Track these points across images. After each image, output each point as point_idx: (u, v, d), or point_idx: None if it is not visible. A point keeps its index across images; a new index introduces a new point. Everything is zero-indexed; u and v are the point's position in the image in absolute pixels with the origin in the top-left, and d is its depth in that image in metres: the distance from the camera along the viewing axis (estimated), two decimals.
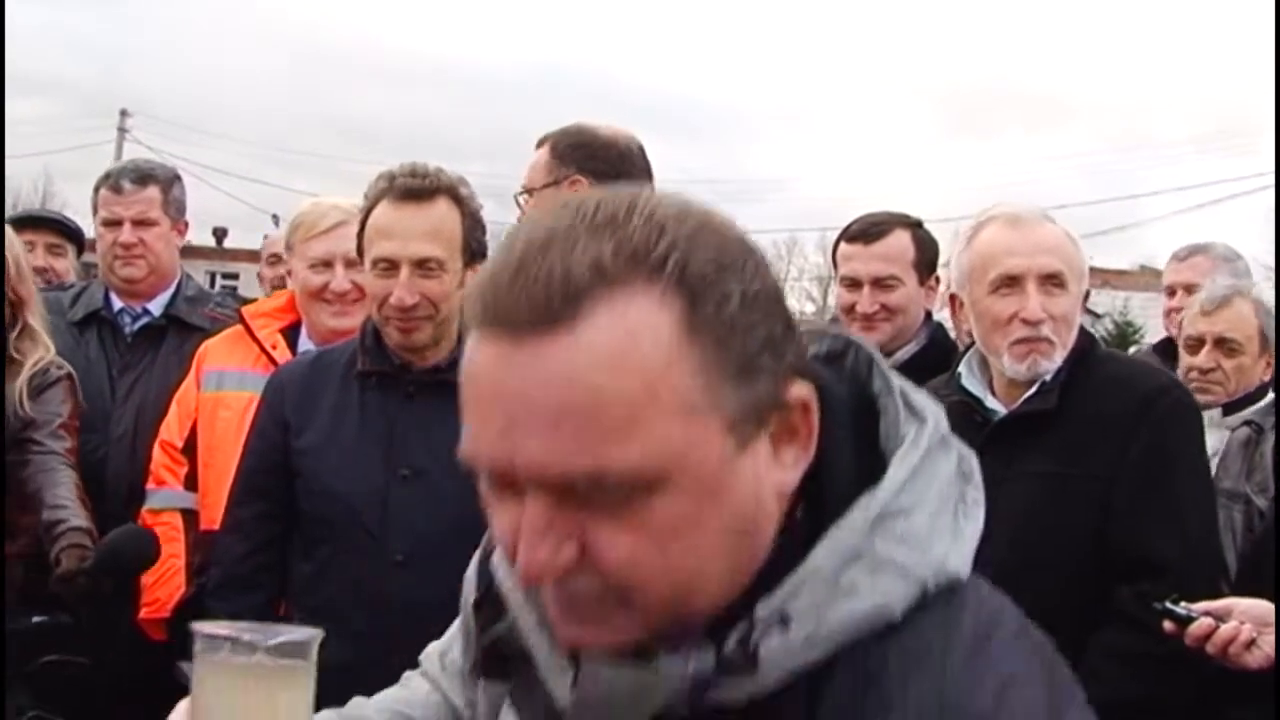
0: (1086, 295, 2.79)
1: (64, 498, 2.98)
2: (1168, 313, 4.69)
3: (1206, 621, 2.38)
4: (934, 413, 1.07)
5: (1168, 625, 2.40)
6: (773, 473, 1.00)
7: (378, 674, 2.60)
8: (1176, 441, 2.65)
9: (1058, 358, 2.62)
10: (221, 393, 3.31)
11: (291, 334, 3.37)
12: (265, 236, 5.67)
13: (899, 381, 1.09)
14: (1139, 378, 2.74)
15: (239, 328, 3.42)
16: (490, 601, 1.18)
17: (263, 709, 1.06)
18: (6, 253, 3.15)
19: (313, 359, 2.89)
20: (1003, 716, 0.94)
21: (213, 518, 3.15)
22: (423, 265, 2.64)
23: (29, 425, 3.07)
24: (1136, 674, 2.51)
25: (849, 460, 1.03)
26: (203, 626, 1.06)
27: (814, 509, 1.02)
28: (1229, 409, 3.58)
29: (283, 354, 3.29)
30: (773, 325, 0.98)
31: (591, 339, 0.91)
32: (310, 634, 1.09)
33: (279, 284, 4.59)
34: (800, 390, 1.00)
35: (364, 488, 2.61)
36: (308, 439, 2.71)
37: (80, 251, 4.60)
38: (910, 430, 1.05)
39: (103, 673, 3.14)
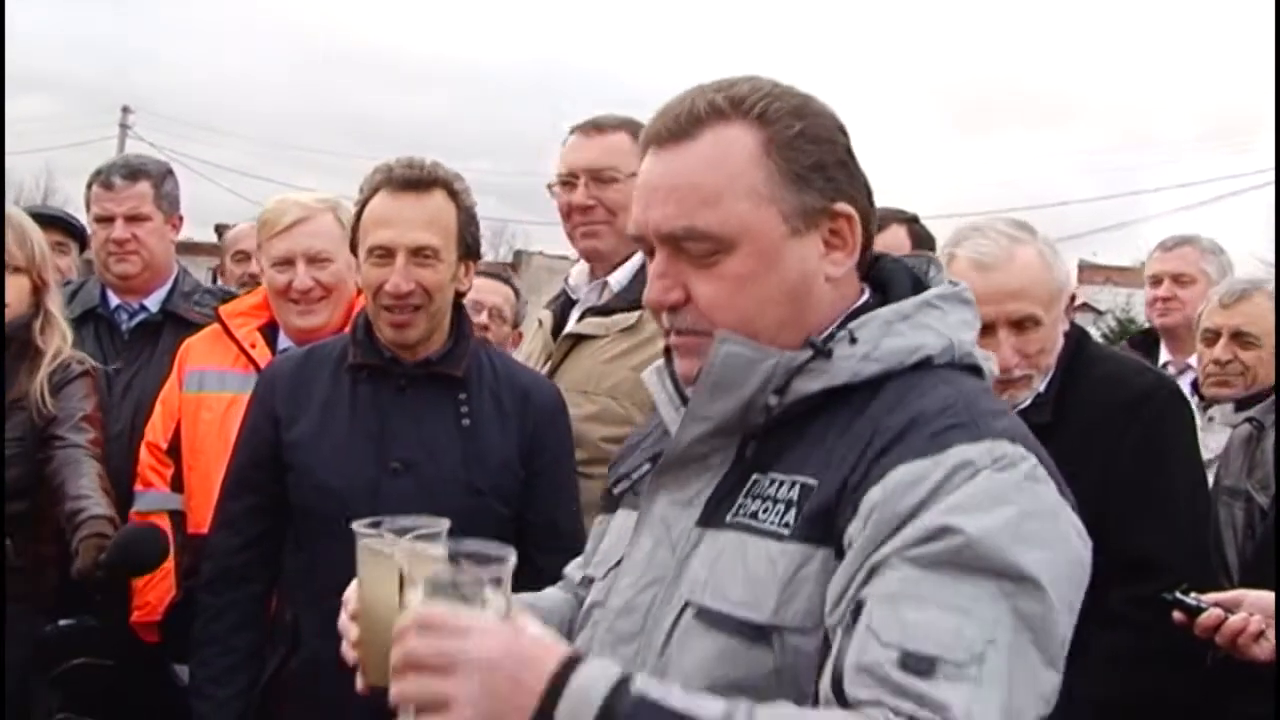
0: (1072, 300, 2.79)
1: (86, 488, 2.99)
2: (1152, 302, 4.68)
3: (1216, 612, 2.39)
4: (966, 289, 1.60)
5: (1177, 615, 2.42)
6: (823, 265, 1.52)
7: None
8: (1167, 440, 2.67)
9: (1037, 385, 2.65)
10: (203, 393, 3.30)
11: (270, 332, 3.35)
12: (224, 229, 5.56)
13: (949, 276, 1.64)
14: (1129, 378, 2.75)
15: (218, 327, 3.40)
16: (616, 472, 1.77)
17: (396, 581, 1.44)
18: (26, 237, 3.17)
19: (305, 353, 2.89)
20: (937, 444, 1.37)
21: (199, 520, 3.15)
22: (419, 254, 2.65)
23: (52, 422, 3.08)
24: (1132, 675, 2.52)
25: (904, 283, 1.58)
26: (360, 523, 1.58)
27: (880, 302, 1.55)
28: (1242, 405, 3.57)
29: (262, 353, 3.28)
30: (824, 157, 1.51)
31: (700, 148, 1.50)
32: (442, 524, 1.57)
33: (245, 281, 4.57)
34: (844, 207, 1.52)
35: (355, 481, 2.61)
36: (298, 432, 2.71)
37: (83, 249, 4.60)
38: (945, 283, 1.60)
39: (126, 674, 3.16)
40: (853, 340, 1.49)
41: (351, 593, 1.72)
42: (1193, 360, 4.52)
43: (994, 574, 1.29)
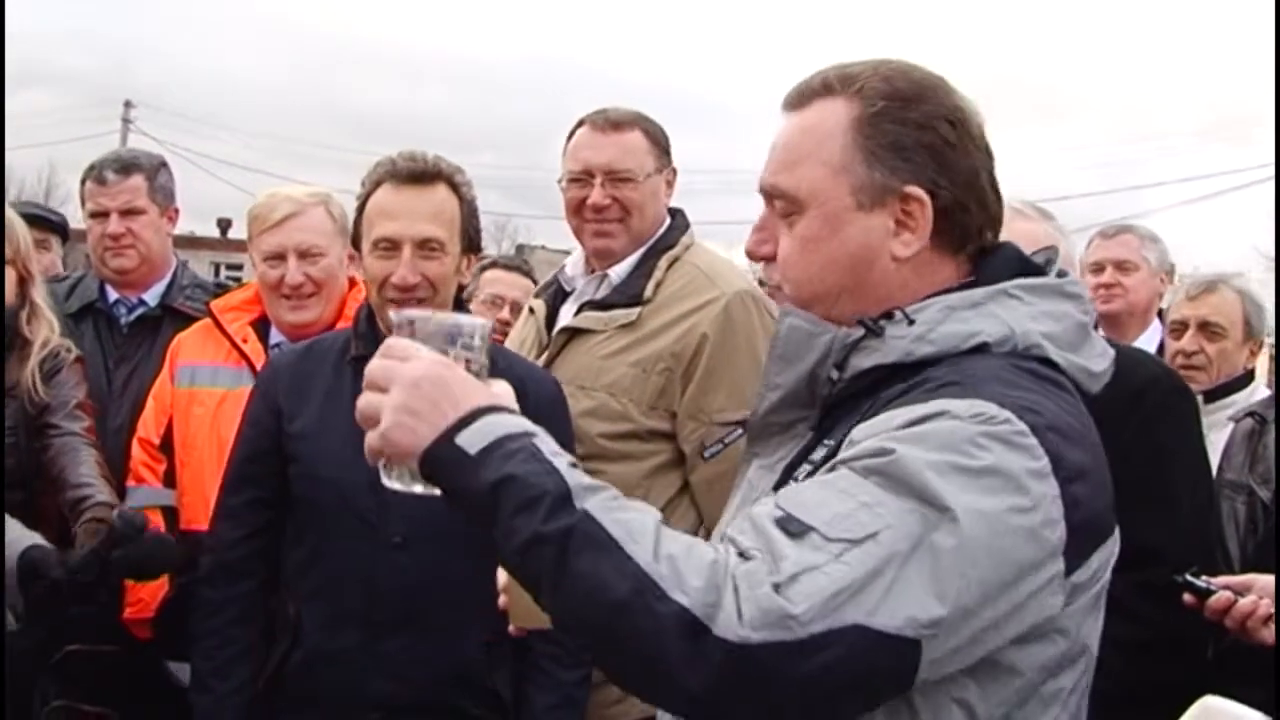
0: None
1: (86, 475, 2.99)
2: (1095, 288, 4.67)
3: (1225, 595, 2.40)
4: (1080, 285, 1.66)
5: (1187, 597, 2.43)
6: (889, 243, 1.57)
7: (375, 655, 2.61)
8: (1168, 430, 2.68)
9: None
10: (195, 388, 3.29)
11: (262, 327, 3.34)
12: (226, 223, 5.56)
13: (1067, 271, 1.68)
14: (1130, 369, 2.74)
15: (209, 321, 3.39)
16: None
17: None
18: (12, 231, 3.16)
19: (307, 347, 2.88)
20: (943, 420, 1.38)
21: (191, 516, 3.16)
22: (425, 246, 2.65)
23: (45, 410, 3.07)
24: (1132, 663, 2.52)
25: (1001, 271, 1.60)
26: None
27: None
28: (1211, 396, 3.61)
29: (253, 347, 3.27)
30: (906, 139, 1.55)
31: (806, 115, 1.62)
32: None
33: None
34: (915, 190, 1.56)
35: (357, 473, 2.57)
36: (300, 424, 2.71)
37: (64, 242, 4.58)
38: (1054, 275, 1.63)
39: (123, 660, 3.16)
40: (910, 321, 1.53)
41: None
42: (1137, 345, 4.54)
43: (916, 496, 1.31)
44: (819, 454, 1.54)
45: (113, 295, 3.82)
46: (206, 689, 2.76)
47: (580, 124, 3.31)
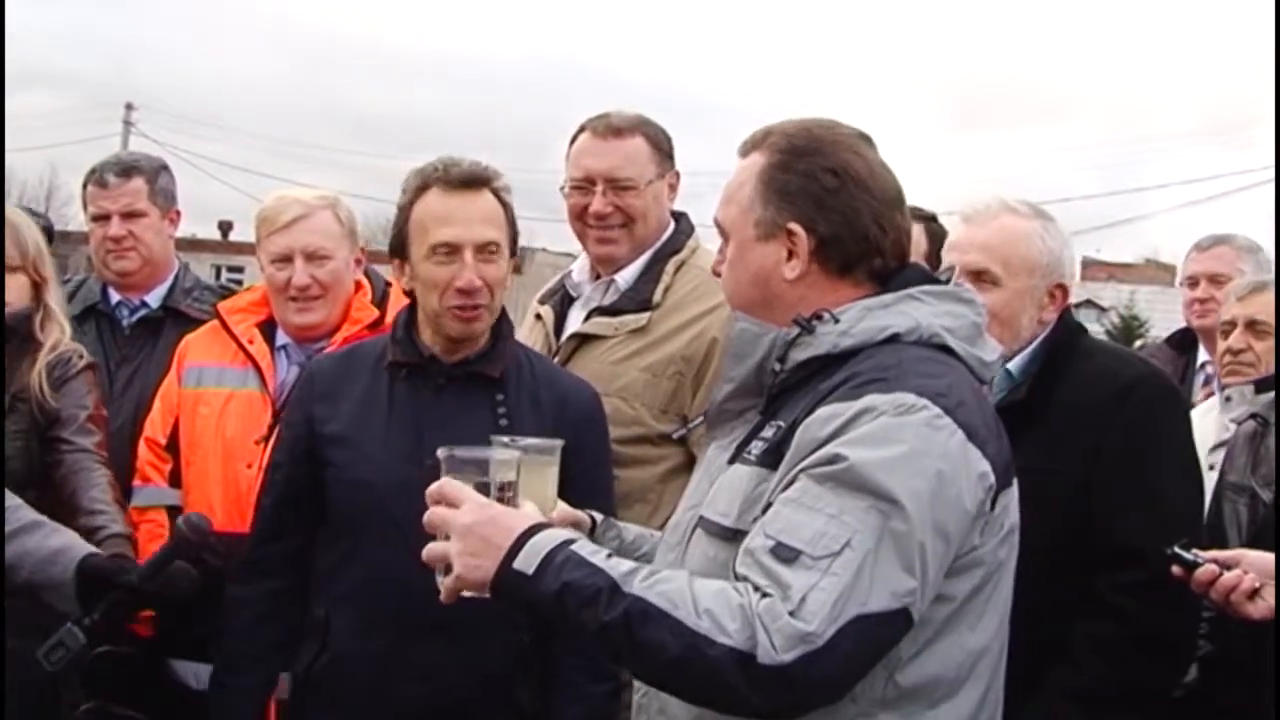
0: (1064, 293, 2.81)
1: (99, 500, 2.97)
2: (1190, 303, 4.63)
3: (1211, 568, 2.42)
4: (972, 291, 2.05)
5: (1175, 569, 2.43)
6: (780, 266, 1.95)
7: (403, 660, 2.61)
8: (1154, 429, 2.69)
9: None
10: (201, 389, 3.29)
11: (269, 328, 3.34)
12: (228, 225, 5.54)
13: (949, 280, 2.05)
14: (1117, 369, 2.78)
15: (217, 323, 3.39)
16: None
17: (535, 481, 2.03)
18: (22, 235, 3.17)
19: (346, 352, 2.91)
20: (865, 407, 1.75)
21: None
22: (484, 249, 2.67)
23: (56, 422, 3.06)
24: (1117, 663, 2.54)
25: (907, 282, 1.95)
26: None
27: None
28: (1262, 386, 3.59)
29: (260, 349, 3.27)
30: (793, 187, 1.94)
31: (742, 163, 2.02)
32: (556, 443, 2.14)
33: None
34: (795, 227, 1.93)
35: (392, 477, 2.59)
36: (336, 429, 2.72)
37: (50, 243, 4.58)
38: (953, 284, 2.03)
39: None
40: (835, 320, 1.90)
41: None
42: None
43: (870, 494, 1.68)
44: (769, 432, 1.90)
45: (115, 297, 3.82)
46: (221, 685, 2.78)
47: (581, 129, 3.31)
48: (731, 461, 1.95)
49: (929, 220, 3.65)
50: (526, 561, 1.73)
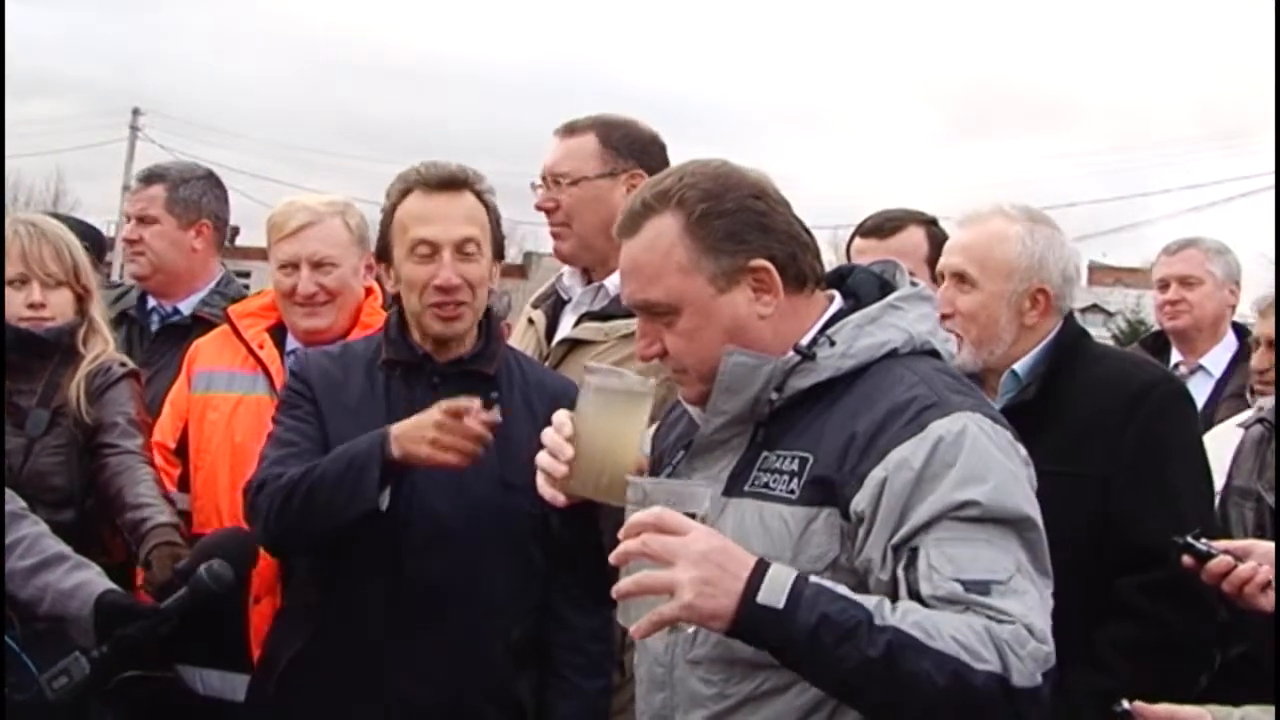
0: (1047, 298, 2.77)
1: (145, 495, 2.98)
2: (1161, 306, 4.68)
3: (1225, 559, 2.40)
4: (925, 287, 2.09)
5: (1186, 560, 2.43)
6: (753, 308, 1.94)
7: (401, 652, 2.62)
8: (1168, 433, 2.70)
9: (965, 356, 2.69)
10: (210, 394, 3.29)
11: (279, 333, 3.34)
12: (234, 230, 5.57)
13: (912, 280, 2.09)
14: (1130, 374, 2.79)
15: (227, 328, 3.40)
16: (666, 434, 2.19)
17: (629, 419, 1.99)
18: (66, 251, 3.19)
19: (337, 351, 2.91)
20: (893, 417, 1.84)
21: (204, 520, 3.15)
22: (463, 247, 2.69)
23: (99, 429, 3.07)
24: (1139, 664, 2.53)
25: (873, 289, 2.02)
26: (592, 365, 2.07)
27: (854, 307, 1.99)
28: None
29: (270, 354, 3.28)
30: (734, 226, 1.92)
31: (642, 238, 1.95)
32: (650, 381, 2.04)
33: None
34: (759, 262, 1.92)
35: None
36: (333, 427, 2.72)
37: (101, 253, 4.61)
38: (907, 284, 2.05)
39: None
40: (831, 343, 1.93)
41: (565, 416, 2.02)
42: (1204, 360, 4.53)
43: (1008, 521, 1.80)
44: (784, 464, 1.91)
45: (150, 303, 3.87)
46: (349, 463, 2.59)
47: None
48: (729, 494, 1.95)
49: (929, 224, 3.65)
50: (772, 595, 1.67)
